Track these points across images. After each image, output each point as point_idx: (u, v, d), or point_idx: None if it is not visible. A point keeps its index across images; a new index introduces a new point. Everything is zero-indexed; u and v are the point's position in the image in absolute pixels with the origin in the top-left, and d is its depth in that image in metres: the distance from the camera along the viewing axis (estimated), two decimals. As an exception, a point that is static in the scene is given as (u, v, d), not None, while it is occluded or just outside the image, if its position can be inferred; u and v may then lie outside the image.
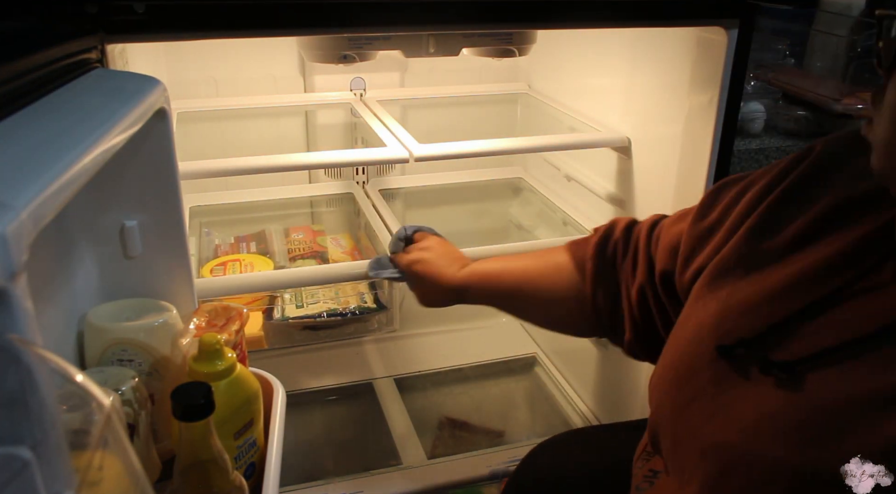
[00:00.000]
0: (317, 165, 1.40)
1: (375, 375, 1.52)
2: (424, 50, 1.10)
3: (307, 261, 1.35)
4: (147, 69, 0.78)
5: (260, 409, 0.75)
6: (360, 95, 1.44)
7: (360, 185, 1.51)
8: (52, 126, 0.49)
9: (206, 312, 0.78)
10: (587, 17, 0.93)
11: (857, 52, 1.47)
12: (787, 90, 1.55)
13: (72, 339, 0.72)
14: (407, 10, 0.84)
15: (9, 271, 0.33)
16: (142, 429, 0.66)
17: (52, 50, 0.59)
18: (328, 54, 1.09)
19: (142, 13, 0.74)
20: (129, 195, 0.73)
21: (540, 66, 1.51)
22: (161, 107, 0.68)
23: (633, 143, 1.20)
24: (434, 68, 1.52)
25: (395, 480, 1.23)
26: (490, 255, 1.22)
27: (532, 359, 1.63)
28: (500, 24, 1.00)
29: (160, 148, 0.72)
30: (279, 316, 1.35)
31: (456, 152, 1.14)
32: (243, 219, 1.46)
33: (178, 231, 0.77)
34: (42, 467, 0.35)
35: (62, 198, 0.41)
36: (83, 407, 0.37)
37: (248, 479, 0.71)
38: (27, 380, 0.34)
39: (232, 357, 0.70)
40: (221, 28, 0.79)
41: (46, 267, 0.65)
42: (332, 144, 1.48)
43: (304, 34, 1.08)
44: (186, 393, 0.59)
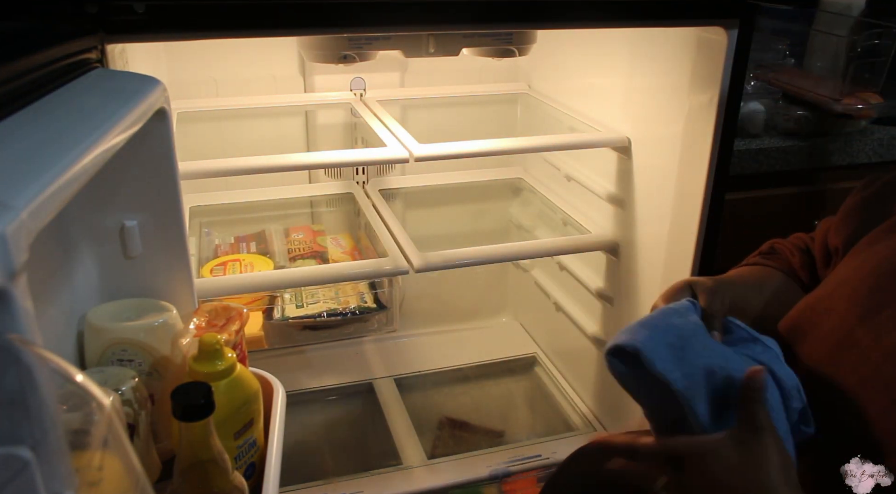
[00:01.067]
0: (317, 165, 1.40)
1: (375, 375, 1.52)
2: (424, 50, 1.10)
3: (307, 261, 1.35)
4: (147, 69, 0.78)
5: (260, 409, 0.75)
6: (360, 95, 1.44)
7: (360, 185, 1.51)
8: (52, 126, 0.49)
9: (206, 312, 0.78)
10: (587, 17, 0.93)
11: (857, 52, 1.47)
12: (787, 90, 1.55)
13: (72, 339, 0.72)
14: (407, 10, 0.84)
15: (9, 271, 0.33)
16: (142, 429, 0.66)
17: (52, 50, 0.59)
18: (328, 54, 1.09)
19: (142, 13, 0.74)
20: (129, 195, 0.73)
21: (540, 66, 1.51)
22: (161, 107, 0.68)
23: (633, 143, 1.20)
24: (434, 68, 1.52)
25: (395, 480, 1.23)
26: (490, 255, 1.23)
27: (532, 359, 1.63)
28: (500, 24, 1.00)
29: (160, 148, 0.72)
30: (279, 316, 1.35)
31: (456, 152, 1.14)
32: (243, 219, 1.46)
33: (178, 231, 0.77)
34: (42, 467, 0.35)
35: (62, 198, 0.41)
36: (83, 407, 0.37)
37: (248, 479, 0.71)
38: (27, 380, 0.34)
39: (232, 357, 0.70)
40: (221, 28, 0.79)
41: (46, 267, 0.65)
42: (332, 144, 1.48)
43: (304, 34, 1.08)
44: (186, 393, 0.59)
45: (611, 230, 1.29)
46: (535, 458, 1.26)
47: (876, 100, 1.47)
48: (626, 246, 1.26)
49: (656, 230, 1.15)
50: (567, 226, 1.40)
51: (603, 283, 1.34)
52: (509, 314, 1.79)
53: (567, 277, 1.47)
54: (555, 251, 1.38)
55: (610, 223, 1.29)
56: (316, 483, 1.22)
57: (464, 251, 1.20)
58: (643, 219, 1.20)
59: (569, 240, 1.35)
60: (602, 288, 1.34)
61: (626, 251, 1.26)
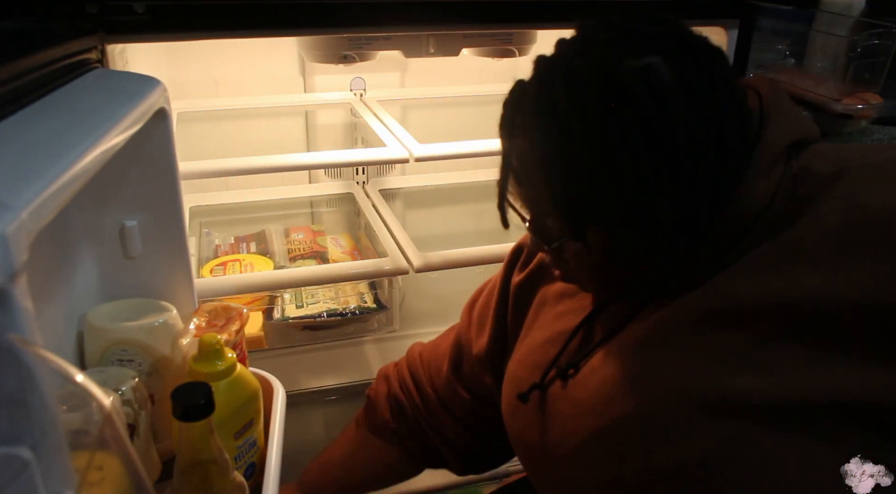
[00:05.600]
0: (317, 165, 1.40)
1: (375, 375, 1.52)
2: (424, 50, 1.10)
3: (307, 261, 1.35)
4: (147, 69, 0.78)
5: (260, 409, 0.75)
6: (360, 95, 1.44)
7: (360, 185, 1.51)
8: (53, 126, 0.49)
9: (206, 312, 0.78)
10: (587, 17, 0.93)
11: (857, 52, 1.47)
12: (787, 90, 1.55)
13: (72, 339, 0.72)
14: (407, 10, 0.84)
15: (9, 271, 0.33)
16: (142, 429, 0.66)
17: (52, 50, 0.59)
18: (328, 54, 1.09)
19: (142, 13, 0.74)
20: (129, 195, 0.73)
21: (540, 66, 1.51)
22: (161, 107, 0.68)
23: (633, 143, 1.20)
24: (434, 68, 1.51)
25: (395, 480, 1.23)
26: (490, 255, 1.23)
27: (532, 359, 1.62)
28: (500, 24, 1.00)
29: (160, 148, 0.72)
30: (279, 316, 1.35)
31: (456, 152, 1.14)
32: (243, 219, 1.46)
33: (178, 231, 0.77)
34: (42, 467, 0.35)
35: (62, 198, 0.41)
36: (83, 407, 0.37)
37: (248, 479, 0.71)
38: (27, 380, 0.34)
39: (232, 357, 0.70)
40: (221, 28, 0.79)
41: (46, 267, 0.65)
42: (332, 144, 1.48)
43: (304, 34, 1.08)
44: (186, 393, 0.59)
45: (611, 230, 1.29)
46: (535, 458, 1.26)
47: (876, 100, 1.47)
48: (626, 246, 1.25)
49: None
50: (567, 226, 1.40)
51: (603, 283, 1.34)
52: (509, 314, 1.78)
53: (567, 277, 1.47)
54: (555, 251, 1.38)
55: (610, 223, 1.29)
56: (316, 483, 1.22)
57: (464, 251, 1.19)
58: (643, 219, 1.20)
59: (569, 240, 1.35)
60: (602, 288, 1.33)
61: (626, 251, 1.25)
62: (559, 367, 0.69)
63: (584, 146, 0.57)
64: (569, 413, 0.66)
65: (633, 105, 0.55)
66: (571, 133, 0.57)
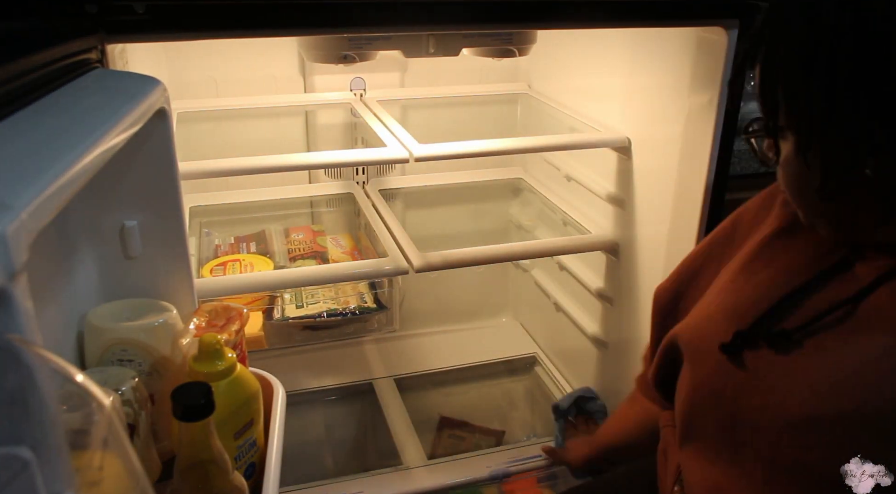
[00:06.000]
0: (317, 165, 1.40)
1: (375, 375, 1.52)
2: (424, 50, 1.10)
3: (307, 261, 1.35)
4: (147, 69, 0.78)
5: (260, 409, 0.75)
6: (360, 95, 1.44)
7: (360, 185, 1.51)
8: (53, 126, 0.49)
9: (206, 312, 0.78)
10: (587, 17, 0.93)
11: (857, 52, 1.47)
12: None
13: (72, 339, 0.72)
14: (407, 10, 0.84)
15: (9, 271, 0.33)
16: (142, 429, 0.66)
17: (52, 50, 0.59)
18: (328, 54, 1.09)
19: (142, 13, 0.74)
20: (129, 195, 0.73)
21: (540, 67, 1.51)
22: (161, 107, 0.68)
23: (633, 144, 1.20)
24: (434, 68, 1.52)
25: (395, 480, 1.23)
26: (489, 255, 1.23)
27: (532, 359, 1.63)
28: (500, 24, 1.00)
29: (160, 148, 0.72)
30: (279, 316, 1.35)
31: (456, 152, 1.14)
32: (243, 219, 1.46)
33: (178, 231, 0.77)
34: (42, 467, 0.35)
35: (62, 198, 0.41)
36: (83, 407, 0.37)
37: (248, 479, 0.71)
38: (27, 380, 0.34)
39: (232, 357, 0.70)
40: (221, 28, 0.79)
41: (46, 267, 0.65)
42: (332, 144, 1.48)
43: (304, 34, 1.08)
44: (186, 393, 0.59)
45: (611, 230, 1.29)
46: (535, 458, 1.26)
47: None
48: (625, 246, 1.26)
49: (656, 230, 1.15)
50: (567, 227, 1.40)
51: (603, 283, 1.34)
52: (509, 314, 1.79)
53: (567, 277, 1.47)
54: (554, 251, 1.38)
55: (610, 223, 1.29)
56: (316, 483, 1.22)
57: (464, 251, 1.20)
58: (643, 219, 1.20)
59: (569, 241, 1.35)
60: (602, 288, 1.34)
61: (626, 251, 1.26)
62: (774, 331, 0.64)
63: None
64: (784, 386, 0.62)
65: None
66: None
